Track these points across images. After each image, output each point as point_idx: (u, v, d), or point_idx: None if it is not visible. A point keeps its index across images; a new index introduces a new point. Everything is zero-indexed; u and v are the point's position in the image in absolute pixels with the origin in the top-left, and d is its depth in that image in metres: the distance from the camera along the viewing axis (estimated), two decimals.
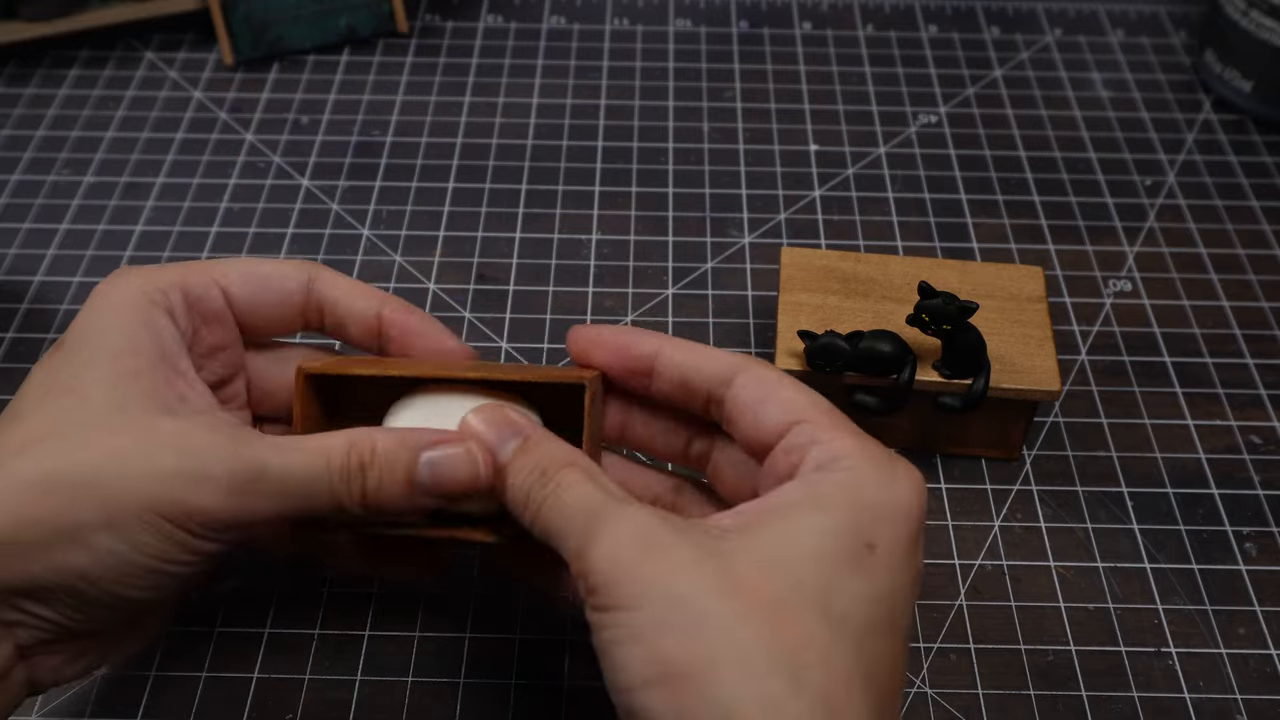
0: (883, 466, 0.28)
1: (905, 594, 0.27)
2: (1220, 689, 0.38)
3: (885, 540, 0.27)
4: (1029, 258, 0.52)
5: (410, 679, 0.37)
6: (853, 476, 0.28)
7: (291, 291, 0.34)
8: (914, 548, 0.28)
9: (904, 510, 0.28)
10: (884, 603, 0.27)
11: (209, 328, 0.33)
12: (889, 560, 0.27)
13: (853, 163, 0.57)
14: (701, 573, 0.25)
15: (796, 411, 0.30)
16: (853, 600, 0.26)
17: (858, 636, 0.26)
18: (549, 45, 0.64)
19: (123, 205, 0.54)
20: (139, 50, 0.63)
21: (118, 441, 0.28)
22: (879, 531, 0.27)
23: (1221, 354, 0.48)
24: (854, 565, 0.27)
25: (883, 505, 0.28)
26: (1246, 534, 0.42)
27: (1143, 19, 0.67)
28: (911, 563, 0.28)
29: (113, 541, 0.28)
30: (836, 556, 0.26)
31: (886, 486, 0.28)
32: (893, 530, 0.27)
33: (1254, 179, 0.56)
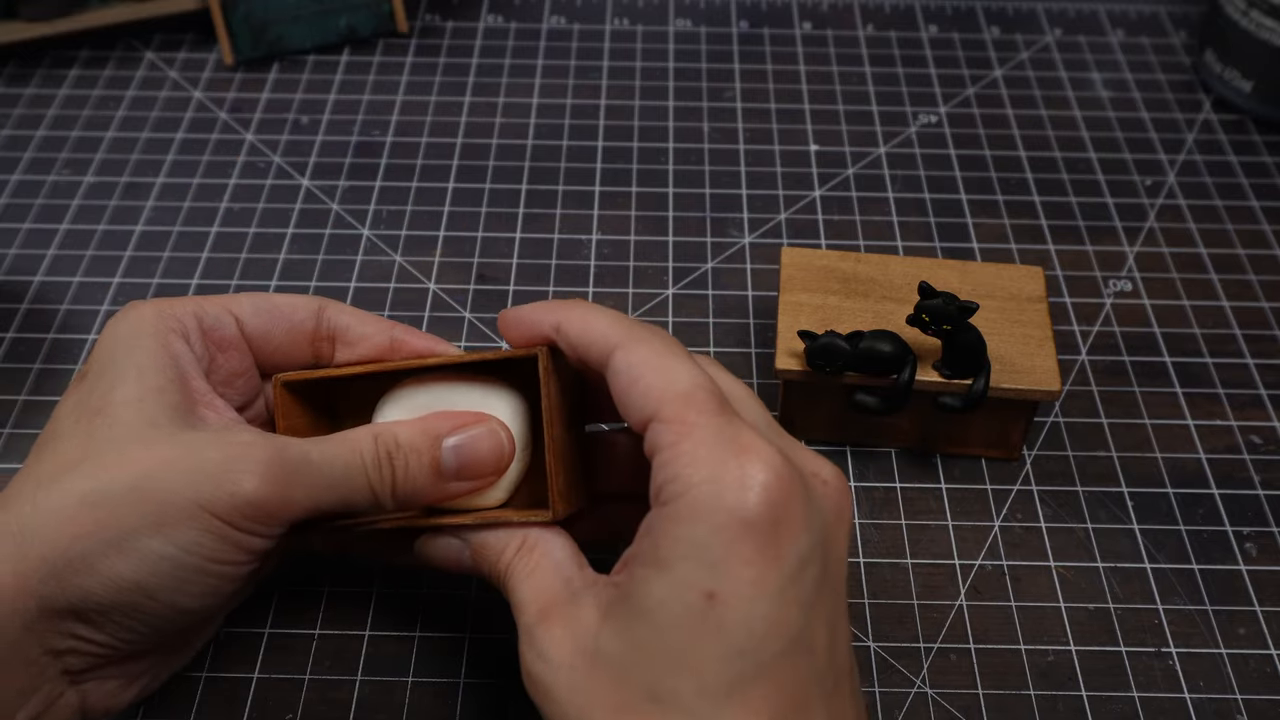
0: (722, 480, 0.25)
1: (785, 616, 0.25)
2: (1220, 689, 0.38)
3: (731, 579, 0.25)
4: (1029, 258, 0.52)
5: (410, 679, 0.37)
6: (686, 507, 0.25)
7: (302, 320, 0.34)
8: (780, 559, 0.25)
9: (754, 523, 0.25)
10: (746, 654, 0.25)
11: (225, 355, 0.33)
12: (741, 597, 0.25)
13: (853, 163, 0.57)
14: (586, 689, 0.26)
15: (651, 403, 0.27)
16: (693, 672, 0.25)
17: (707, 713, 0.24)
18: (549, 45, 0.64)
19: (123, 205, 0.54)
20: (139, 50, 0.63)
21: (157, 451, 0.29)
22: (720, 572, 0.25)
23: (1221, 354, 0.48)
24: (691, 633, 0.25)
25: (721, 533, 0.25)
26: (1246, 534, 0.42)
27: (1143, 19, 0.67)
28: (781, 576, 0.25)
29: (162, 545, 0.28)
30: (674, 625, 0.25)
31: (727, 507, 0.25)
32: (741, 557, 0.25)
33: (1254, 179, 0.56)
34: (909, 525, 0.42)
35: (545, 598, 0.29)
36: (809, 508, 0.26)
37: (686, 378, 0.27)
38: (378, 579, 0.40)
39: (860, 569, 0.41)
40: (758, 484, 0.25)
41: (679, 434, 0.26)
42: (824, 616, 0.26)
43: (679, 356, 0.28)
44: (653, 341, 0.28)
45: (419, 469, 0.31)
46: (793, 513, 0.25)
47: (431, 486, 0.31)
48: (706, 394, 0.27)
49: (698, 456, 0.26)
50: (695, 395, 0.27)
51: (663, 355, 0.28)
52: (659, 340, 0.29)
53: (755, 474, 0.25)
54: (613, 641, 0.26)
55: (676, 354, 0.28)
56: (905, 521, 0.42)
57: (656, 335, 0.29)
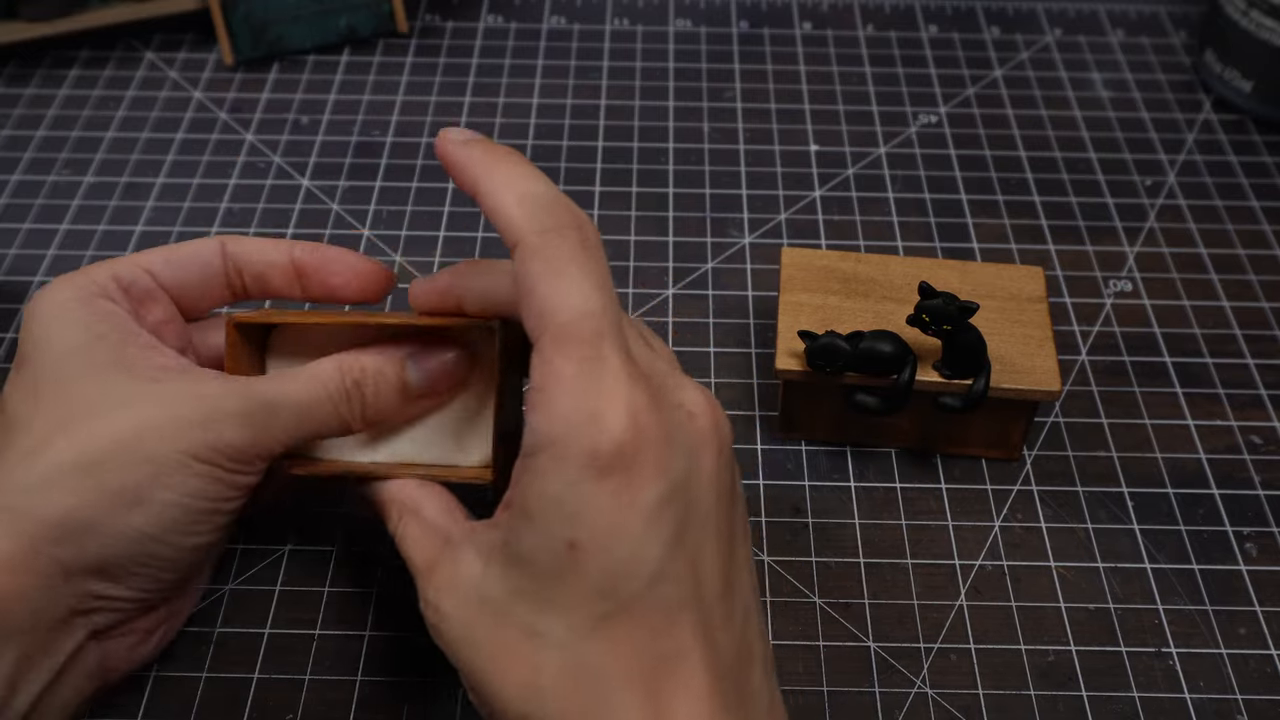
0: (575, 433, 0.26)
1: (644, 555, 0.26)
2: (1221, 689, 0.38)
3: (589, 528, 0.26)
4: (1029, 258, 0.52)
5: (411, 679, 0.37)
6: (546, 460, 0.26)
7: (208, 261, 0.35)
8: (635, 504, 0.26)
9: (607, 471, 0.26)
10: (607, 596, 0.26)
11: (146, 308, 0.34)
12: (598, 544, 0.26)
13: (853, 163, 0.57)
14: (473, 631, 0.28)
15: (532, 327, 0.27)
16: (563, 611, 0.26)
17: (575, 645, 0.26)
18: (549, 45, 0.64)
19: (123, 205, 0.54)
20: (139, 50, 0.63)
21: (134, 411, 0.30)
22: (578, 522, 0.26)
23: (1222, 354, 0.48)
24: (558, 578, 0.26)
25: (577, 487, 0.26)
26: (1247, 534, 0.42)
27: (1143, 19, 0.67)
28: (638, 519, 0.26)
29: (167, 494, 0.30)
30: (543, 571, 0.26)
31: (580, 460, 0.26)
32: (596, 507, 0.26)
33: (1254, 179, 0.56)
34: (909, 525, 0.42)
35: (428, 555, 0.31)
36: (668, 448, 0.27)
37: (569, 308, 0.27)
38: (378, 579, 0.40)
39: (860, 569, 0.41)
40: (610, 433, 0.26)
41: (545, 379, 0.27)
42: (687, 551, 0.27)
43: (575, 271, 0.27)
44: (552, 248, 0.27)
45: (388, 389, 0.33)
46: (646, 457, 0.26)
47: (399, 407, 0.34)
48: (585, 331, 0.26)
49: (556, 409, 0.26)
50: (569, 332, 0.26)
51: (558, 269, 0.27)
52: (562, 245, 0.27)
53: (609, 423, 0.26)
54: (494, 586, 0.28)
55: (573, 264, 0.27)
56: (905, 522, 0.42)
57: (564, 238, 0.27)
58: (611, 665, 0.26)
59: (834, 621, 0.39)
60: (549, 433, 0.26)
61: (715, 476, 0.28)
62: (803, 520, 0.42)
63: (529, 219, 0.28)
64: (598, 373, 0.26)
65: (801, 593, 0.40)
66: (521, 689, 0.27)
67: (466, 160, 0.29)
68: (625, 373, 0.26)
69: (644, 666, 0.26)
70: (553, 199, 0.28)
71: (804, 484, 0.43)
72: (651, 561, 0.26)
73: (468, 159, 0.29)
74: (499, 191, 0.28)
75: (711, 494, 0.28)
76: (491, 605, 0.28)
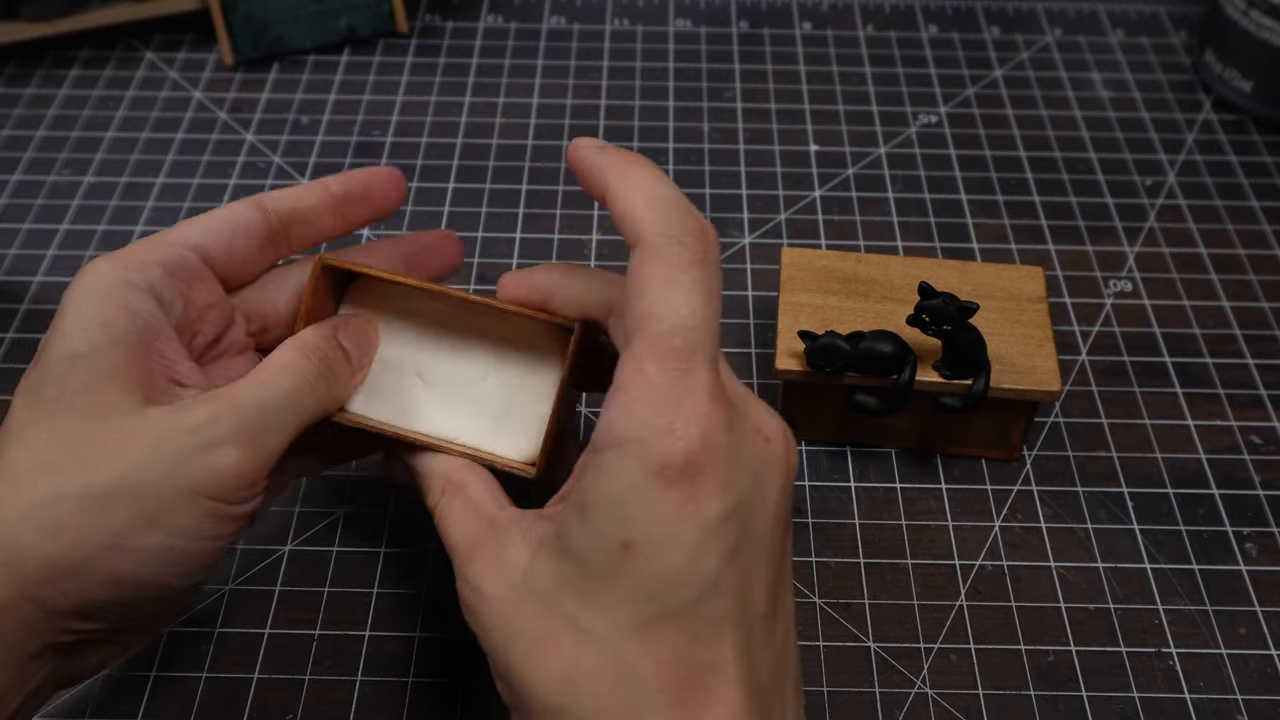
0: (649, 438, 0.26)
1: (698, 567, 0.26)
2: (1221, 689, 0.38)
3: (646, 532, 0.26)
4: (1029, 258, 0.52)
5: (410, 679, 0.37)
6: (612, 459, 0.26)
7: (250, 222, 0.34)
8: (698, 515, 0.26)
9: (673, 479, 0.26)
10: (654, 600, 0.26)
11: (195, 289, 0.33)
12: (655, 548, 0.26)
13: (853, 163, 0.57)
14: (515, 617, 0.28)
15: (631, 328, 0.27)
16: (609, 609, 0.26)
17: (616, 643, 0.26)
18: (549, 45, 0.64)
19: (123, 205, 0.54)
20: (139, 50, 0.63)
21: (134, 443, 0.29)
22: (636, 525, 0.26)
23: (1222, 354, 0.48)
24: (608, 576, 0.26)
25: (640, 490, 0.26)
26: (1247, 534, 0.42)
27: (1143, 19, 0.67)
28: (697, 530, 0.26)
29: (159, 539, 0.29)
30: (595, 568, 0.27)
31: (649, 465, 0.26)
32: (656, 512, 0.26)
33: (1254, 179, 0.56)
34: (909, 525, 0.42)
35: (472, 537, 0.30)
36: (735, 466, 0.27)
37: (674, 314, 0.27)
38: (378, 579, 0.40)
39: (860, 569, 0.41)
40: (683, 444, 0.26)
41: (630, 379, 0.27)
42: (741, 568, 0.27)
43: (688, 281, 0.27)
44: (673, 254, 0.28)
45: (340, 367, 0.34)
46: (714, 472, 0.26)
47: (349, 373, 0.34)
48: (683, 341, 0.27)
49: (635, 412, 0.26)
50: (668, 341, 0.27)
51: (672, 275, 0.27)
52: (683, 253, 0.28)
53: (683, 434, 0.26)
54: (542, 577, 0.28)
55: (689, 274, 0.27)
56: (905, 522, 0.42)
57: (685, 246, 0.28)
58: (650, 668, 0.26)
59: (834, 621, 0.39)
60: (623, 433, 0.26)
61: (778, 501, 0.28)
62: (803, 520, 0.42)
63: (656, 221, 0.28)
64: (684, 385, 0.26)
65: (801, 593, 0.40)
66: (556, 680, 0.27)
67: (599, 163, 0.30)
68: (709, 390, 0.27)
69: (682, 674, 0.26)
70: (682, 205, 0.29)
71: (804, 484, 0.43)
72: (705, 573, 0.26)
73: (600, 162, 0.30)
74: (630, 192, 0.29)
75: (771, 517, 0.28)
76: (536, 595, 0.28)
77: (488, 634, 0.28)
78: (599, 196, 0.30)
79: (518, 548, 0.29)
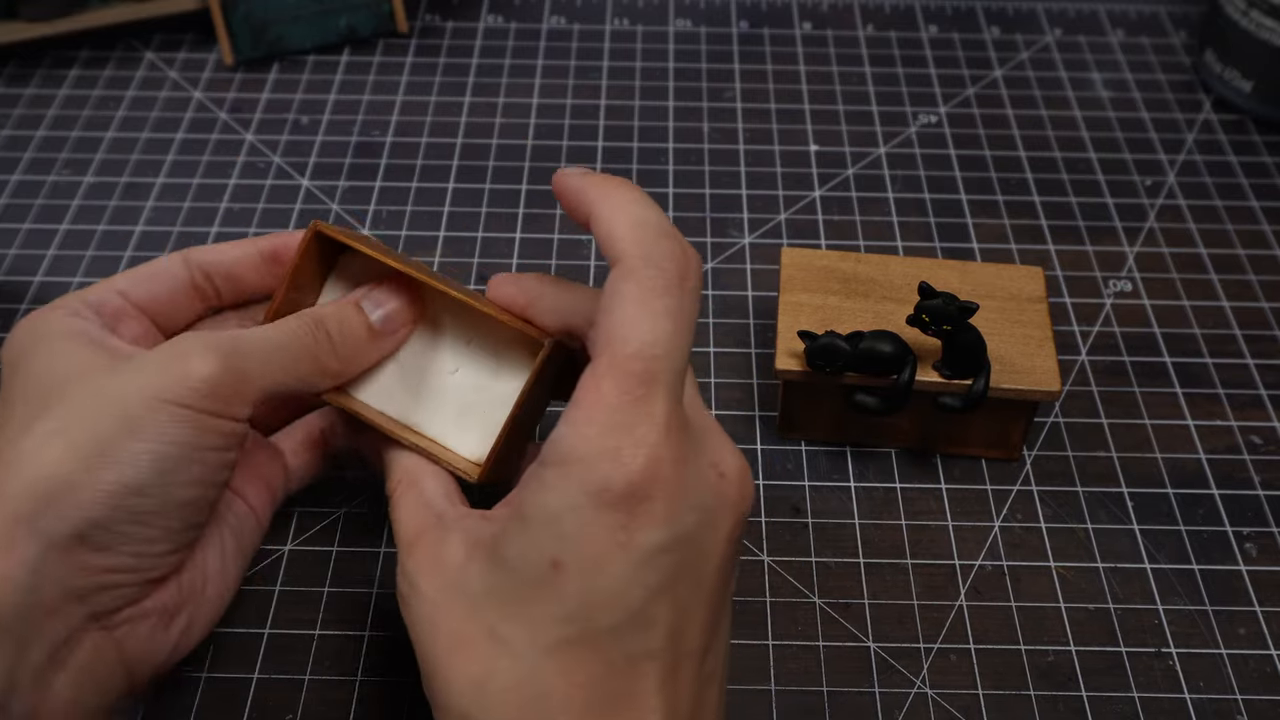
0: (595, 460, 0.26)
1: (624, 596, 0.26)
2: (1220, 689, 0.38)
3: (577, 554, 0.26)
4: (1029, 258, 0.52)
5: (411, 679, 0.37)
6: (557, 475, 0.26)
7: (174, 273, 0.35)
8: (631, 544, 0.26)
9: (612, 505, 0.26)
10: (575, 621, 0.26)
11: (121, 324, 0.34)
12: (583, 571, 0.26)
13: (853, 163, 0.57)
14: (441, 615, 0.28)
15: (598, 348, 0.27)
16: (530, 624, 0.27)
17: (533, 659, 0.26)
18: (549, 45, 0.64)
19: (123, 205, 0.54)
20: (139, 50, 0.63)
21: (106, 373, 0.29)
22: (569, 545, 0.26)
23: (1221, 354, 0.48)
24: (533, 591, 0.27)
25: (578, 511, 0.26)
26: (1246, 534, 0.42)
27: (1143, 19, 0.67)
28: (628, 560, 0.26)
29: (142, 445, 0.28)
30: (523, 580, 0.27)
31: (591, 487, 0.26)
32: (590, 535, 0.26)
33: (1254, 179, 0.56)
34: (909, 525, 0.42)
35: (415, 528, 0.31)
36: (681, 500, 0.27)
37: (639, 339, 0.27)
38: (377, 579, 0.40)
39: (860, 569, 0.41)
40: (626, 471, 0.26)
41: (586, 397, 0.27)
42: (674, 602, 0.27)
43: (660, 307, 0.27)
44: (649, 277, 0.28)
45: (351, 329, 0.33)
46: (655, 504, 0.26)
47: (369, 341, 0.34)
48: (643, 367, 0.27)
49: (585, 431, 0.26)
50: (629, 364, 0.27)
51: (645, 298, 0.27)
52: (658, 277, 0.28)
53: (628, 461, 0.26)
54: (473, 579, 0.28)
55: (661, 300, 0.27)
56: (905, 522, 0.42)
57: (662, 270, 0.28)
58: (562, 689, 0.26)
59: (834, 621, 0.39)
60: (569, 451, 0.26)
61: (725, 539, 0.28)
62: (803, 520, 0.42)
63: (638, 243, 0.28)
64: (638, 411, 0.26)
65: (801, 593, 0.40)
66: (469, 686, 0.27)
67: (581, 187, 0.30)
68: (664, 419, 0.26)
69: (592, 699, 0.26)
70: (664, 230, 0.28)
71: (804, 484, 0.43)
72: (631, 603, 0.26)
73: (583, 185, 0.30)
74: (613, 215, 0.29)
75: (716, 554, 0.28)
76: (465, 597, 0.28)
77: (414, 628, 0.29)
78: (583, 221, 0.30)
79: (456, 545, 0.29)
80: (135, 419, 0.28)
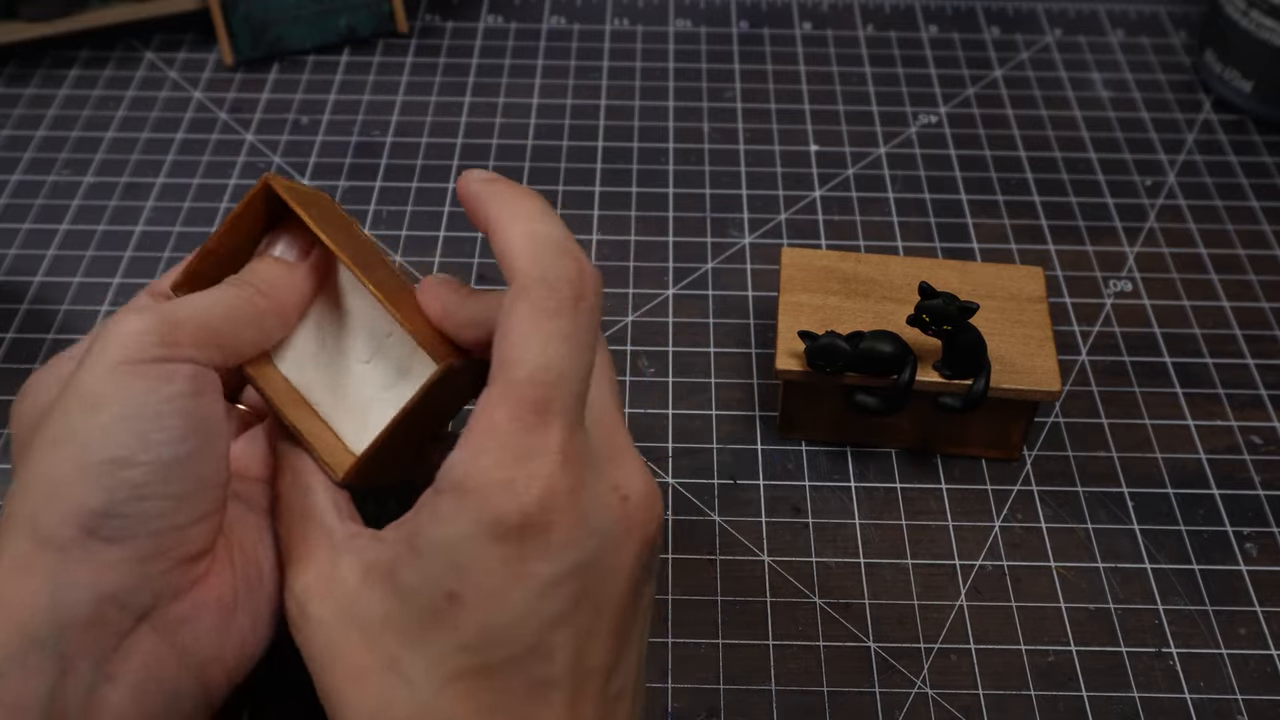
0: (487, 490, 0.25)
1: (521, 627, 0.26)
2: (1221, 689, 0.38)
3: (472, 585, 0.26)
4: (1029, 258, 0.52)
5: None
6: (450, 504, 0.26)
7: None
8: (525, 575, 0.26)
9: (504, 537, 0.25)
10: (474, 651, 0.26)
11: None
12: (478, 604, 0.26)
13: (853, 163, 0.57)
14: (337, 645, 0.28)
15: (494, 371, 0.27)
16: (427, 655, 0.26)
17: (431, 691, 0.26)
18: (549, 45, 0.64)
19: (123, 205, 0.54)
20: (139, 50, 0.63)
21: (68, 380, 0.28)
22: (464, 576, 0.26)
23: (1222, 354, 0.48)
24: (430, 621, 0.26)
25: (472, 541, 0.25)
26: (1247, 534, 0.42)
27: (1143, 19, 0.67)
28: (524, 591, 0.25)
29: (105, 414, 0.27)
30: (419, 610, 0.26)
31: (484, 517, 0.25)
32: (485, 567, 0.25)
33: (1254, 179, 0.56)
34: (909, 525, 0.42)
35: (302, 543, 0.29)
36: (579, 528, 0.26)
37: (532, 362, 0.26)
38: None
39: (861, 569, 0.41)
40: (519, 503, 0.25)
41: (479, 423, 0.26)
42: (574, 630, 0.26)
43: (553, 329, 0.26)
44: (541, 298, 0.27)
45: (271, 270, 0.31)
46: (552, 534, 0.26)
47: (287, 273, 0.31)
48: (537, 394, 0.26)
49: (479, 460, 0.26)
50: (522, 390, 0.26)
51: (538, 319, 0.26)
52: (549, 298, 0.27)
53: (521, 493, 0.25)
54: (370, 607, 0.27)
55: (555, 321, 0.27)
56: (905, 522, 0.42)
57: (554, 291, 0.27)
58: (461, 717, 0.26)
59: (834, 621, 0.39)
60: (463, 479, 0.26)
61: (630, 564, 0.27)
62: (803, 520, 0.42)
63: (532, 260, 0.27)
64: (532, 441, 0.26)
65: (801, 593, 0.40)
66: (367, 717, 0.26)
67: (481, 194, 0.29)
68: (559, 448, 0.26)
69: None
70: (562, 245, 0.27)
71: (804, 484, 0.43)
72: (529, 634, 0.26)
73: (483, 192, 0.29)
74: (509, 226, 0.28)
75: (621, 580, 0.27)
76: (362, 625, 0.27)
77: (309, 656, 0.28)
78: (483, 230, 0.29)
79: (349, 568, 0.28)
80: (94, 394, 0.27)
